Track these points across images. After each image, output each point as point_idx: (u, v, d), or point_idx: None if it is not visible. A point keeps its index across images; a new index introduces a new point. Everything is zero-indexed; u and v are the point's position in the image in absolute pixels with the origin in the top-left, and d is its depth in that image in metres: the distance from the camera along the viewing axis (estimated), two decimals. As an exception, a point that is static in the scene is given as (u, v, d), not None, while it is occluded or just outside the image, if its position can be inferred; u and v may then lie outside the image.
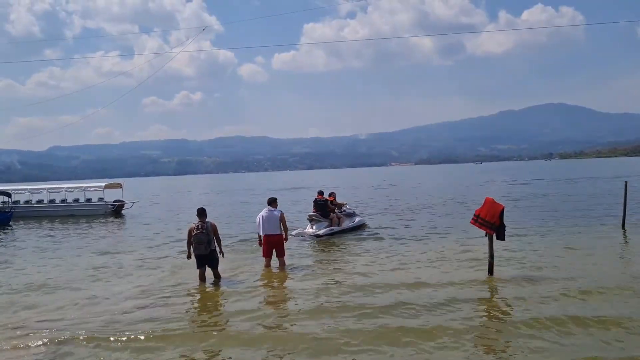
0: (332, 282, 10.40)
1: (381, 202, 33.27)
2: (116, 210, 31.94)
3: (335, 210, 18.07)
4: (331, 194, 18.56)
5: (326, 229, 17.24)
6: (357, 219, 19.25)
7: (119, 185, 34.45)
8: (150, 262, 13.81)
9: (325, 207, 17.74)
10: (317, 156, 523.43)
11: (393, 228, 18.98)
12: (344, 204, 19.27)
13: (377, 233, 17.69)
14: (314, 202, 18.20)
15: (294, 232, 17.04)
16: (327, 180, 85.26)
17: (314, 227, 17.39)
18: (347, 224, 18.28)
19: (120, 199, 33.33)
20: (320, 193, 18.27)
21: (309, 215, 17.93)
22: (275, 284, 10.70)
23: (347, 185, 63.33)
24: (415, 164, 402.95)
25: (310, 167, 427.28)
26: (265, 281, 10.90)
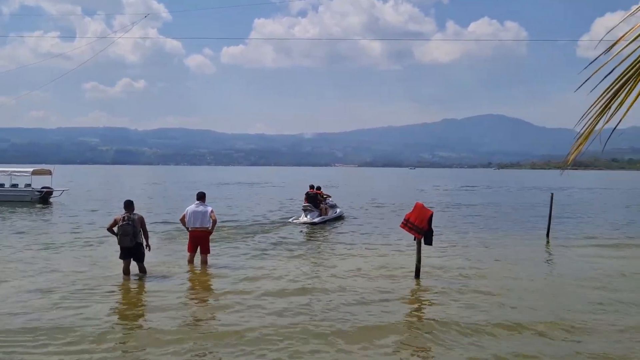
0: (255, 281, 10.24)
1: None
2: (43, 198, 30.35)
3: (323, 202, 20.66)
4: (318, 188, 21.13)
5: (319, 217, 19.84)
6: (338, 210, 22.29)
7: (49, 172, 32.71)
8: (69, 253, 13.22)
9: (316, 199, 20.37)
10: (261, 153, 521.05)
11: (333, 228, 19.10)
12: (328, 196, 21.73)
13: (323, 233, 17.77)
14: (305, 194, 20.70)
15: (290, 220, 20.35)
16: (274, 177, 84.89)
17: (308, 216, 19.87)
18: (331, 214, 21.06)
19: (49, 186, 31.76)
20: (312, 187, 20.92)
21: (303, 206, 20.42)
22: (201, 281, 10.44)
23: (295, 184, 63.20)
24: (359, 165, 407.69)
25: (254, 164, 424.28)
26: (191, 278, 10.62)
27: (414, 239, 10.34)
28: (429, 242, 10.25)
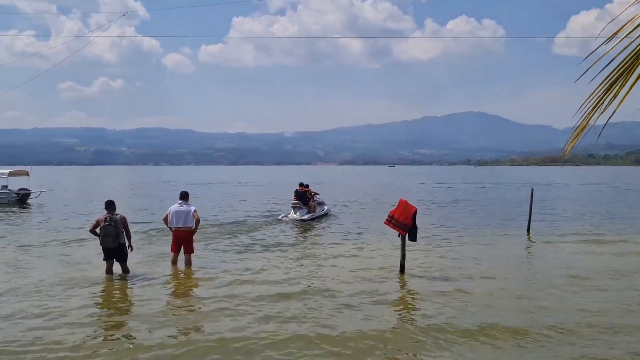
0: (241, 283, 10.14)
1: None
2: (21, 199, 29.82)
3: (311, 199, 21.22)
4: (307, 185, 21.57)
5: (308, 214, 20.35)
6: (325, 207, 22.83)
7: (26, 173, 32.11)
8: (48, 255, 12.96)
9: (304, 197, 20.91)
10: (242, 152, 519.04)
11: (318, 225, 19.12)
12: (317, 194, 22.23)
13: (307, 230, 17.81)
14: (295, 192, 21.14)
15: (279, 217, 20.96)
16: (256, 176, 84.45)
17: (297, 213, 20.36)
18: (319, 211, 21.53)
19: (27, 187, 31.19)
20: (301, 185, 21.38)
21: (292, 203, 20.94)
22: (184, 283, 10.30)
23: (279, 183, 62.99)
24: (340, 164, 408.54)
25: (234, 163, 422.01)
26: (175, 279, 10.49)
27: (399, 236, 10.39)
28: (413, 238, 10.30)
